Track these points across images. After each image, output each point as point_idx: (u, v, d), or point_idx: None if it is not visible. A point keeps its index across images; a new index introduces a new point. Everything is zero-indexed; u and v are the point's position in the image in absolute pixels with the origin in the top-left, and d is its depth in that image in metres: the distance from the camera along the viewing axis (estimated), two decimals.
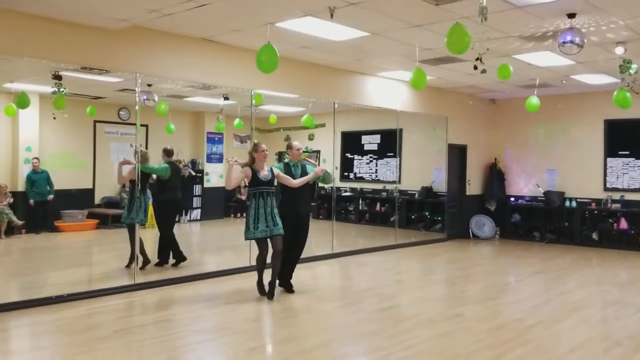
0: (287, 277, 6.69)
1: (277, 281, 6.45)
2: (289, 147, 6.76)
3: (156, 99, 9.36)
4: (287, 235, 6.35)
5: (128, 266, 7.41)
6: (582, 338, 5.02)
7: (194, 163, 13.01)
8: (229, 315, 5.69)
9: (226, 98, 9.89)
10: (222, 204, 13.31)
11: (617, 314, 6.04)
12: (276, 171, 6.47)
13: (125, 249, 7.54)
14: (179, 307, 6.00)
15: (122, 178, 7.71)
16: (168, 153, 8.03)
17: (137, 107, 7.19)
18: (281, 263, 6.37)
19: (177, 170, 8.08)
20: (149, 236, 8.15)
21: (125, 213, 7.52)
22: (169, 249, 7.80)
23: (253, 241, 6.41)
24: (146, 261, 7.54)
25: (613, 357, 4.52)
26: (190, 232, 12.75)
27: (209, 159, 13.49)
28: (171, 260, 7.80)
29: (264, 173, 6.35)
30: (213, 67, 7.72)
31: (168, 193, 7.84)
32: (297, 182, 6.54)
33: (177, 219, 8.12)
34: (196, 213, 13.10)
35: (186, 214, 13.09)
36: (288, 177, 6.52)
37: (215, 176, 13.36)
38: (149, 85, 8.43)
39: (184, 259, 7.78)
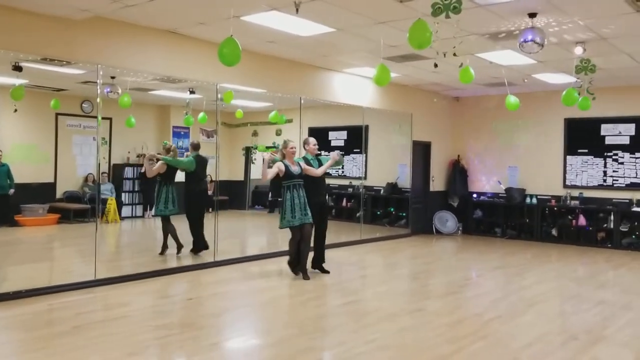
0: (321, 259, 7.51)
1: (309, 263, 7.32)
2: (306, 142, 7.56)
3: (120, 91, 9.20)
4: (314, 221, 7.10)
5: (162, 253, 8.21)
6: (539, 332, 5.14)
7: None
8: (192, 311, 5.66)
9: (192, 92, 9.80)
10: None
11: (574, 309, 6.21)
12: (303, 164, 7.19)
13: (87, 244, 7.41)
14: (140, 302, 5.93)
15: (151, 172, 8.27)
16: (195, 147, 8.55)
17: (98, 100, 7.06)
18: (310, 247, 7.24)
19: (203, 163, 8.50)
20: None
21: (155, 205, 8.23)
22: (198, 235, 8.26)
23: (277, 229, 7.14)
24: (180, 246, 8.20)
25: (569, 350, 4.64)
26: (156, 227, 12.58)
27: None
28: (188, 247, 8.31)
29: (295, 167, 7.08)
30: (177, 60, 7.62)
31: (195, 184, 8.33)
32: (320, 171, 7.30)
33: (205, 209, 8.68)
34: None
35: (150, 209, 12.91)
36: (312, 168, 7.25)
37: None
38: (113, 77, 8.28)
39: (203, 248, 8.26)
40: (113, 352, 4.26)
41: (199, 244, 8.28)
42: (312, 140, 7.54)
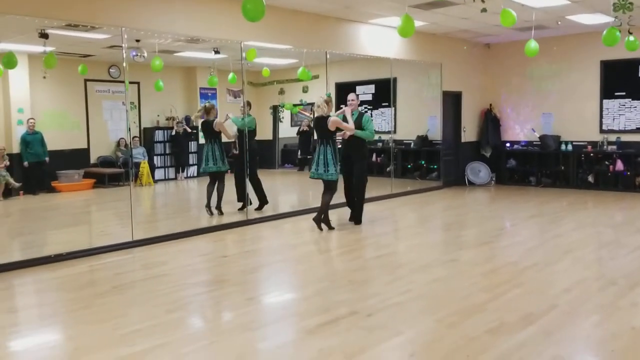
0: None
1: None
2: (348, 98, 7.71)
3: (145, 54, 9.22)
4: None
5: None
6: (577, 278, 5.08)
7: (187, 119, 12.89)
8: (227, 268, 5.75)
9: (217, 52, 9.73)
10: None
11: (612, 254, 6.11)
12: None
13: (122, 207, 7.59)
14: (177, 261, 6.05)
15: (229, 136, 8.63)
16: (250, 105, 8.86)
17: (124, 64, 7.06)
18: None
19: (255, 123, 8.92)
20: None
21: (204, 163, 8.40)
22: (256, 192, 8.59)
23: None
24: (219, 209, 8.27)
25: (607, 295, 4.58)
26: (187, 188, 12.78)
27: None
28: (254, 205, 8.56)
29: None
30: (201, 20, 7.53)
31: (255, 142, 8.72)
32: (351, 130, 7.38)
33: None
34: (193, 170, 13.08)
35: (183, 171, 13.08)
36: (346, 124, 7.38)
37: None
38: (137, 40, 8.28)
39: (265, 202, 8.64)
40: (153, 310, 4.38)
41: (264, 200, 8.65)
42: (351, 95, 7.73)
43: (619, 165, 10.73)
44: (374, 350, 3.54)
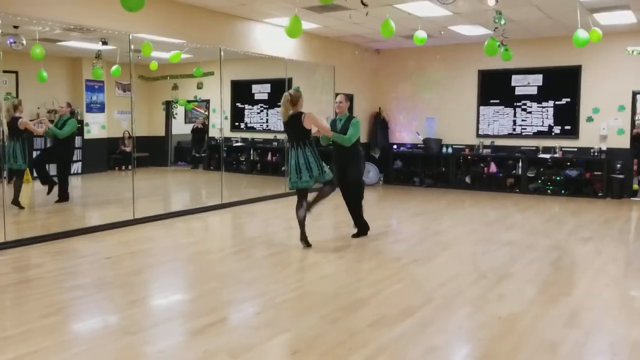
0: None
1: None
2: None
3: (24, 42, 8.60)
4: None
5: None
6: (452, 272, 5.43)
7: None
8: (111, 270, 5.53)
9: (105, 43, 9.30)
10: (104, 156, 12.66)
11: (484, 250, 6.61)
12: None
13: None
14: (54, 263, 5.72)
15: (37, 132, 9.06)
16: (70, 106, 9.40)
17: (0, 53, 6.57)
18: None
19: None
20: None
21: (5, 160, 8.09)
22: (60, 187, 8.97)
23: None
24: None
25: (478, 288, 4.95)
26: (71, 186, 12.08)
27: (89, 109, 12.68)
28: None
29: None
30: (86, 8, 7.18)
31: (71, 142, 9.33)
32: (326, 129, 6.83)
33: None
34: (77, 166, 12.39)
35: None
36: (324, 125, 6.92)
37: (96, 127, 12.60)
38: (16, 27, 7.71)
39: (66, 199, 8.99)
40: (26, 315, 4.12)
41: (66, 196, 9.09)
42: (339, 97, 7.22)
43: (493, 168, 11.60)
44: (258, 348, 3.58)
